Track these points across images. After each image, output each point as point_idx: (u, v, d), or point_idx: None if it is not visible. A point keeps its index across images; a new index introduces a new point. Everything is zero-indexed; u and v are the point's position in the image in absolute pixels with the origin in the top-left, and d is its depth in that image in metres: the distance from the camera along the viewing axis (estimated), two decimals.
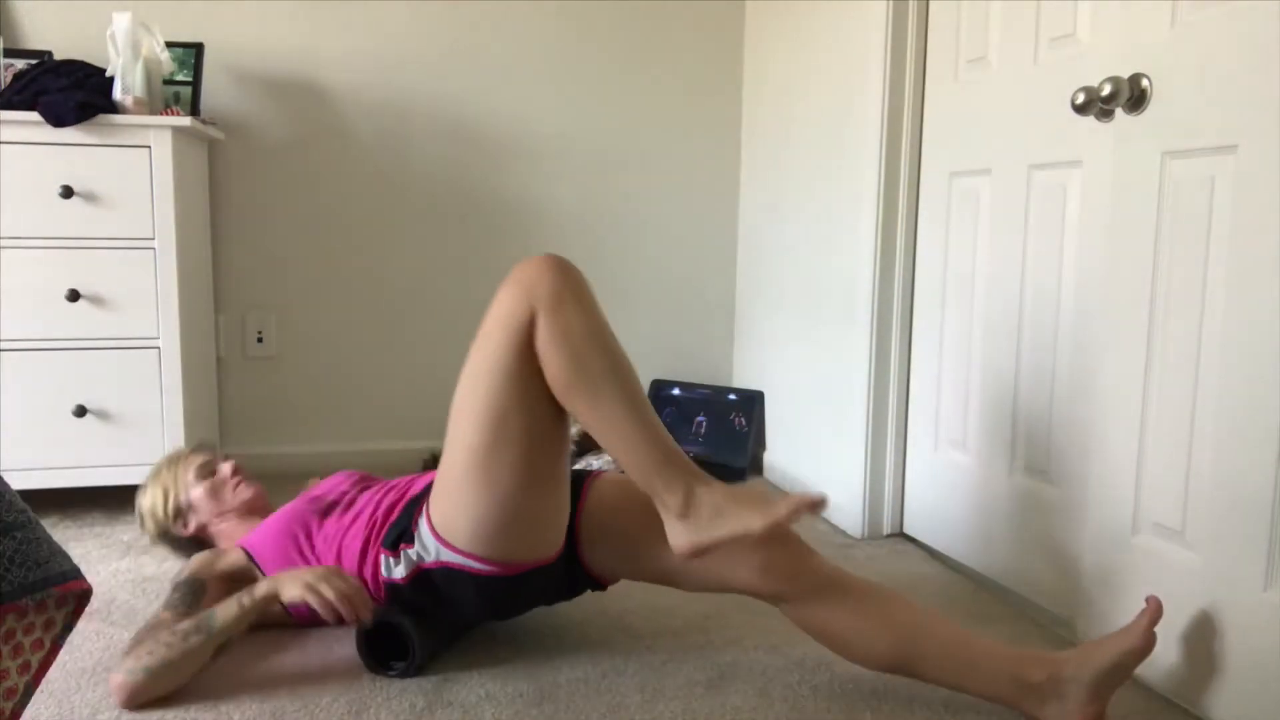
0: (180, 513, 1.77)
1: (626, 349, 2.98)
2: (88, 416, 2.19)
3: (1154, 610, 1.34)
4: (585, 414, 1.33)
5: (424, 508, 1.49)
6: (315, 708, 1.40)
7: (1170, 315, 1.44)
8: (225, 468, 1.81)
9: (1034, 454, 1.81)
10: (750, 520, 1.28)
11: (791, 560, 1.43)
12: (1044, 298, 1.77)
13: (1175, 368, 1.43)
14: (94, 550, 2.07)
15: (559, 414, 1.40)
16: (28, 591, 0.84)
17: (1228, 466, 1.34)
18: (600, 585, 1.59)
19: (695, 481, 1.32)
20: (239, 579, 1.60)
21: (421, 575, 1.48)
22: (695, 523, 1.31)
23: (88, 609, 1.75)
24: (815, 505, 1.26)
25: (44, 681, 1.47)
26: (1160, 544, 1.47)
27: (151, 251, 2.19)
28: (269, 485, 2.13)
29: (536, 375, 1.35)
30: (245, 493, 1.79)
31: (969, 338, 1.99)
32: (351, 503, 1.66)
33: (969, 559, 2.00)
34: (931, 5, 2.09)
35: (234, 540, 1.74)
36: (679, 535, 1.32)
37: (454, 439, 1.41)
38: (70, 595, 0.90)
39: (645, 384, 3.03)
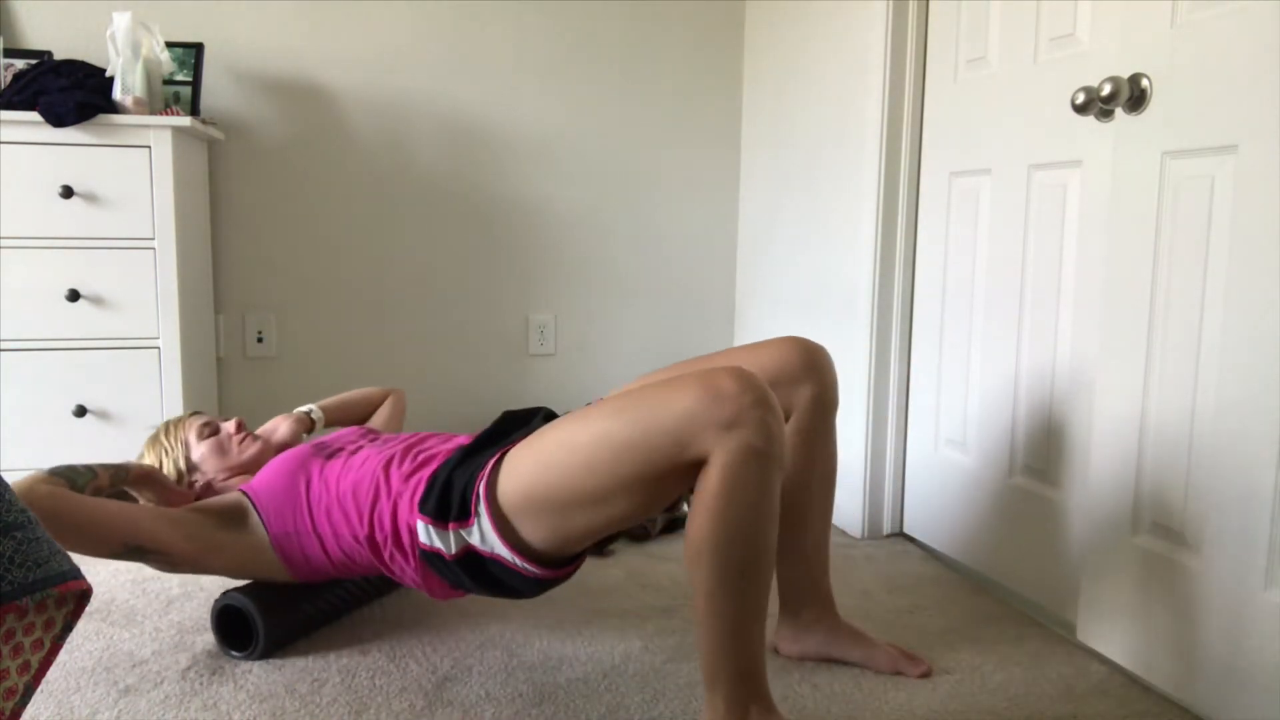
0: (182, 474, 1.70)
1: (626, 349, 3.01)
2: (88, 416, 2.19)
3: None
4: (698, 585, 1.21)
5: (480, 490, 1.35)
6: (315, 708, 1.40)
7: (1170, 315, 1.44)
8: (229, 425, 1.75)
9: (1034, 454, 1.81)
10: None
11: None
12: (1044, 298, 1.77)
13: (1175, 368, 1.43)
14: None
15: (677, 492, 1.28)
16: (28, 591, 0.84)
17: (1228, 466, 1.34)
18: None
19: (755, 712, 1.21)
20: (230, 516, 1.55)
21: (471, 558, 1.37)
22: None
23: (88, 609, 1.75)
24: None
25: (44, 681, 1.47)
26: (1160, 544, 1.47)
27: (151, 251, 2.19)
28: None
29: (681, 478, 1.22)
30: (250, 448, 1.73)
31: (969, 338, 1.99)
32: (358, 449, 1.60)
33: (969, 559, 2.00)
34: (931, 5, 2.09)
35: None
36: None
37: (560, 464, 1.28)
38: (70, 595, 0.90)
39: None
